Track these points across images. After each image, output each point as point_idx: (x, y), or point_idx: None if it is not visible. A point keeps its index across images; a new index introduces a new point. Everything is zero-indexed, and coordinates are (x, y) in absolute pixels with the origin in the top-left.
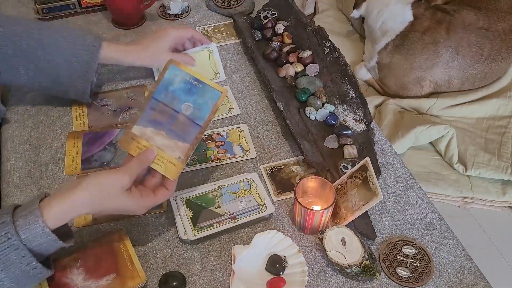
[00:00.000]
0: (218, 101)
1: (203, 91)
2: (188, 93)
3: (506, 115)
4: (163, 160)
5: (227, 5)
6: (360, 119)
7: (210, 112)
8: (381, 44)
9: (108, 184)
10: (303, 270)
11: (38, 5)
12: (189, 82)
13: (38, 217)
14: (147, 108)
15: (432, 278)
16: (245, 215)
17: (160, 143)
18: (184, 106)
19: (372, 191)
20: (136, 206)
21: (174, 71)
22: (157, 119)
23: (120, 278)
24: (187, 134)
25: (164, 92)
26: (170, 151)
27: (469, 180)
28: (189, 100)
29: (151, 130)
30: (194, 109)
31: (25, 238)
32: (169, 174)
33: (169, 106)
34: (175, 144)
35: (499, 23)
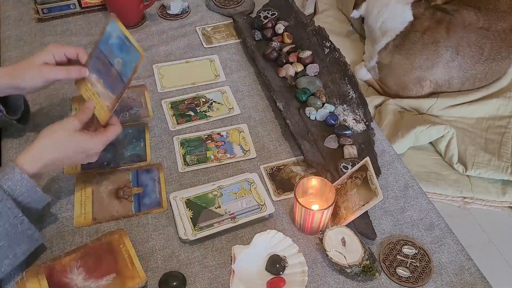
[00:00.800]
0: (137, 62)
1: (129, 49)
2: (119, 49)
3: (506, 115)
4: (99, 105)
5: (227, 5)
6: (360, 119)
7: (131, 72)
8: (381, 44)
9: (61, 128)
10: (303, 270)
11: (38, 5)
12: (120, 39)
13: (14, 167)
14: (94, 56)
15: (432, 278)
16: (245, 215)
17: (99, 90)
18: (116, 60)
19: (372, 191)
20: (93, 142)
21: (113, 26)
22: (99, 68)
23: (120, 278)
24: (116, 87)
25: (105, 44)
26: (104, 99)
27: (469, 180)
28: (120, 55)
29: (94, 77)
30: (122, 66)
31: (7, 187)
32: (100, 118)
33: (107, 58)
34: (107, 94)
35: (499, 23)
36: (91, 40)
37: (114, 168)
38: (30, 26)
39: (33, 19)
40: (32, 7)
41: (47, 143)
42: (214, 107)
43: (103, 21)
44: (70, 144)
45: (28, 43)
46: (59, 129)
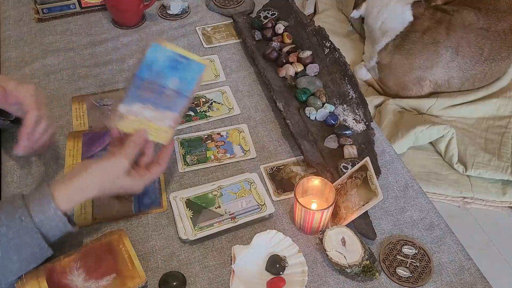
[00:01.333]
0: (202, 74)
1: (188, 65)
2: (174, 69)
3: (506, 115)
4: (154, 130)
5: (227, 5)
6: (360, 119)
7: (196, 84)
8: (381, 44)
9: (111, 168)
10: (303, 270)
11: (38, 5)
12: (174, 59)
13: (50, 201)
14: (132, 87)
15: (432, 278)
16: (245, 215)
17: (148, 116)
18: (171, 81)
19: (372, 191)
20: (136, 185)
21: (157, 50)
22: (144, 96)
23: (120, 278)
24: (175, 104)
25: (147, 71)
26: (160, 122)
27: (469, 180)
28: (176, 75)
29: (138, 106)
30: (181, 83)
31: (38, 221)
32: (162, 139)
33: (155, 82)
34: (163, 114)
35: (499, 23)
36: (91, 40)
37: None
38: (30, 26)
39: (33, 19)
40: (32, 7)
41: (93, 182)
42: (214, 107)
43: (104, 22)
44: (114, 186)
45: (28, 43)
46: (109, 170)
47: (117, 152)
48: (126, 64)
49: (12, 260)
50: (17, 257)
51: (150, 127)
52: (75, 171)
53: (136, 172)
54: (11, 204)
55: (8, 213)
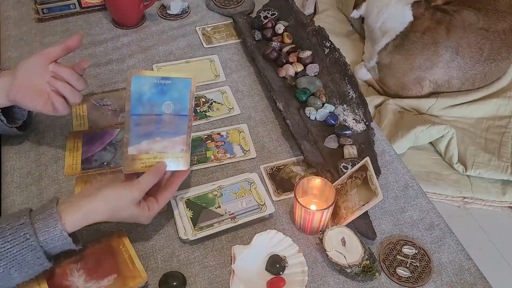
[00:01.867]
0: (191, 87)
1: (174, 85)
2: (162, 94)
3: (506, 115)
4: (170, 160)
5: (227, 5)
6: (360, 119)
7: (190, 100)
8: (381, 44)
9: (122, 197)
10: (303, 270)
11: (38, 5)
12: (158, 84)
13: (57, 221)
14: (132, 127)
15: (432, 278)
16: (245, 215)
17: (159, 148)
18: (164, 106)
19: (372, 191)
20: (144, 217)
21: (139, 81)
22: (147, 131)
23: (121, 278)
24: (179, 128)
25: (139, 104)
26: (172, 149)
27: (469, 180)
28: (166, 99)
29: (146, 143)
30: (174, 105)
31: (43, 240)
32: (181, 167)
33: (151, 114)
34: (173, 141)
35: (499, 23)
36: (91, 40)
37: (114, 168)
38: (30, 26)
39: (33, 19)
40: (32, 7)
41: (102, 209)
42: (214, 107)
43: (104, 22)
44: (122, 214)
45: (28, 43)
46: (120, 198)
47: (133, 182)
48: (126, 64)
49: (12, 276)
50: (18, 273)
51: (165, 158)
52: (86, 193)
53: (146, 203)
54: (18, 221)
55: (14, 229)
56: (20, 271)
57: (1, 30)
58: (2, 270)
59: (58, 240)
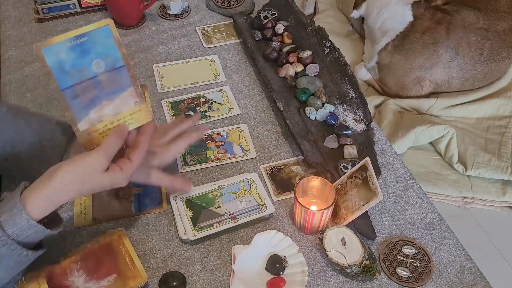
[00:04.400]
0: (113, 34)
1: (93, 39)
2: (84, 53)
3: (506, 115)
4: (129, 118)
5: (227, 5)
6: (360, 119)
7: (118, 47)
8: (381, 44)
9: (86, 166)
10: (303, 270)
11: (38, 5)
12: (74, 46)
13: (21, 211)
14: (69, 102)
15: (432, 278)
16: (245, 215)
17: (111, 111)
18: (93, 67)
19: (372, 191)
20: (118, 179)
21: (52, 51)
22: (88, 99)
23: (121, 278)
24: (121, 82)
25: (65, 76)
26: (125, 107)
27: (469, 180)
28: (92, 57)
29: (94, 112)
30: (104, 61)
31: (12, 233)
32: (143, 120)
33: (83, 80)
34: (123, 98)
35: (499, 23)
36: None
37: None
38: (30, 26)
39: (33, 19)
40: (32, 7)
41: (66, 183)
42: (214, 107)
43: None
44: (94, 185)
45: (28, 43)
46: (84, 170)
47: (95, 149)
48: None
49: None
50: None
51: (122, 118)
52: (45, 175)
53: (116, 165)
54: None
55: None
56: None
57: (1, 30)
58: None
59: (28, 229)
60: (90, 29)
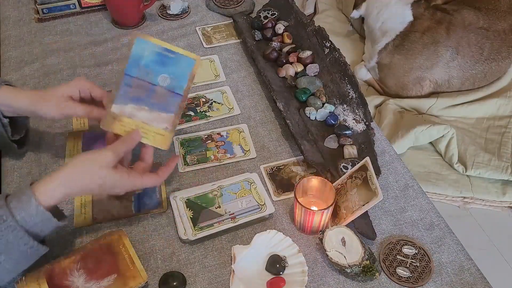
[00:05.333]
0: (193, 69)
1: (177, 60)
2: (162, 65)
3: (506, 115)
4: (151, 133)
5: (227, 5)
6: (360, 119)
7: (188, 80)
8: (381, 44)
9: (93, 160)
10: (303, 270)
11: (38, 5)
12: (160, 54)
13: (30, 197)
14: (122, 86)
15: (432, 278)
16: (245, 215)
17: (144, 118)
18: (160, 78)
19: (372, 191)
20: (121, 183)
21: (141, 45)
22: (135, 95)
23: (121, 278)
24: (169, 104)
25: (136, 67)
26: (156, 123)
27: (469, 180)
28: (164, 71)
29: (132, 107)
30: (171, 80)
31: (20, 218)
32: (159, 144)
33: (145, 80)
34: (159, 116)
35: (499, 23)
36: (91, 40)
37: None
38: (30, 26)
39: (33, 19)
40: (32, 7)
41: (73, 174)
42: (214, 107)
43: (104, 22)
44: (97, 179)
45: (28, 43)
46: (91, 161)
47: (106, 147)
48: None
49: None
50: (6, 257)
51: (146, 130)
52: (56, 169)
53: (127, 173)
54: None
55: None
56: (7, 254)
57: (1, 30)
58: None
59: (36, 216)
60: (181, 52)
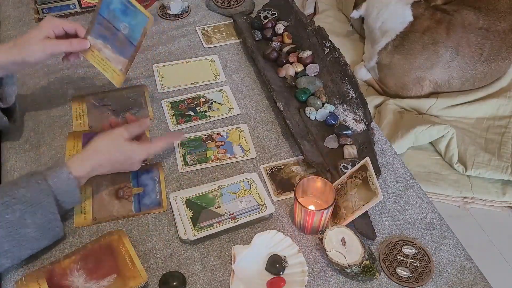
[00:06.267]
0: (147, 25)
1: (135, 14)
2: (124, 14)
3: (506, 115)
4: (110, 70)
5: (227, 5)
6: (360, 119)
7: (141, 35)
8: (381, 44)
9: (110, 134)
10: (303, 270)
11: (38, 5)
12: (124, 4)
13: (63, 167)
14: (96, 23)
15: (432, 278)
16: (245, 215)
17: (107, 55)
18: (122, 25)
19: (372, 191)
20: (139, 150)
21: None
22: (104, 33)
23: (121, 278)
24: (126, 51)
25: (106, 9)
26: (115, 63)
27: (469, 180)
28: (125, 20)
29: (100, 43)
30: (129, 30)
31: (52, 183)
32: (115, 81)
33: (111, 23)
34: (118, 58)
35: (499, 23)
36: None
37: None
38: (30, 26)
39: (33, 19)
40: (32, 7)
41: (95, 147)
42: (214, 107)
43: None
44: (117, 150)
45: None
46: (108, 136)
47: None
48: None
49: (26, 223)
50: (32, 220)
51: (108, 65)
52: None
53: (136, 143)
54: (29, 173)
55: (27, 178)
56: (33, 217)
57: (1, 30)
58: (18, 214)
59: (66, 183)
60: (138, 7)
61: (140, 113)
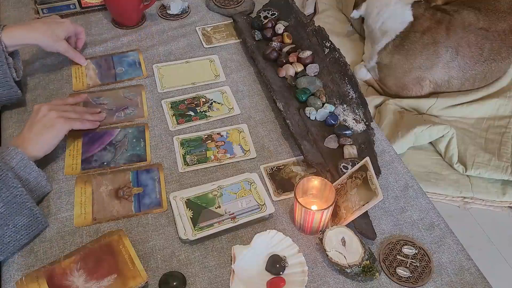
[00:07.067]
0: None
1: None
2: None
3: (506, 115)
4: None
5: (227, 5)
6: (360, 119)
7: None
8: (381, 44)
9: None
10: (303, 270)
11: (38, 5)
12: (134, 61)
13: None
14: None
15: (432, 278)
16: (245, 215)
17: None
18: (119, 68)
19: (372, 191)
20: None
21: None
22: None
23: (121, 278)
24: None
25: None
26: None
27: (469, 180)
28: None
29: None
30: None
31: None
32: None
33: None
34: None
35: (499, 23)
36: (91, 40)
37: (114, 168)
38: None
39: (33, 19)
40: (32, 7)
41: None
42: (214, 107)
43: (104, 22)
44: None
45: None
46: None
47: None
48: None
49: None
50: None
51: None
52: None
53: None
54: None
55: None
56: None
57: None
58: None
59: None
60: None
61: (136, 113)
